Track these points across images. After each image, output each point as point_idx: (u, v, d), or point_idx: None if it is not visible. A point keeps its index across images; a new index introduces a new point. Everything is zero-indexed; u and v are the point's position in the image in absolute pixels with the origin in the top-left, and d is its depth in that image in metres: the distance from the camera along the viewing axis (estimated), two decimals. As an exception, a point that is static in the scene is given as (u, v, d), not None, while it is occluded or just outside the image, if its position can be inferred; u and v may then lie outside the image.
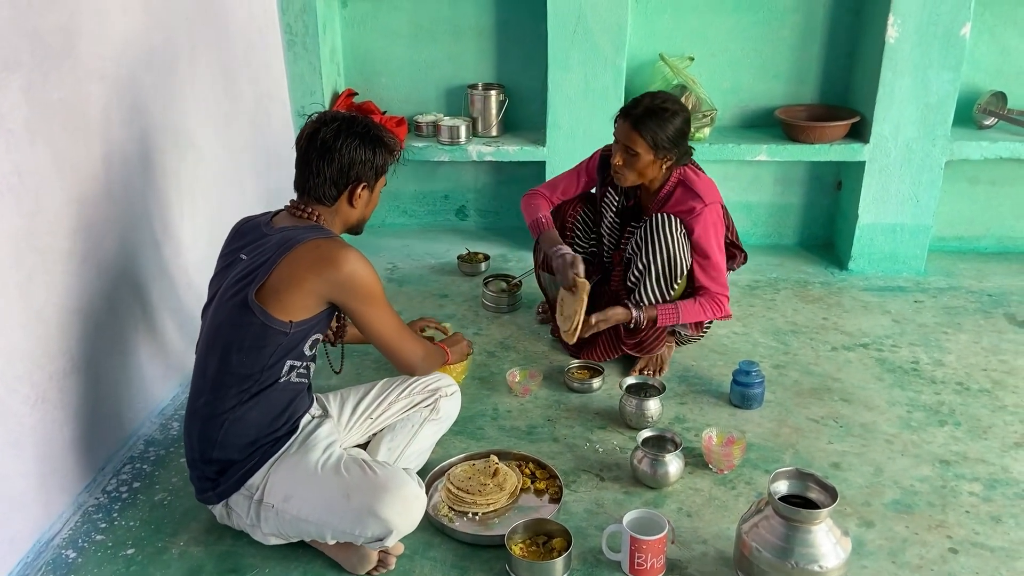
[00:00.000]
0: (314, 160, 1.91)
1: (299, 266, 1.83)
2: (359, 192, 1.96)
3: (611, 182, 2.67)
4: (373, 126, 1.96)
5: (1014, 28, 3.34)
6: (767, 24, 3.46)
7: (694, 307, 2.55)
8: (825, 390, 2.66)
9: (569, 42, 3.31)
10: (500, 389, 2.67)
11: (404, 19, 3.60)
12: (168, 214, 2.53)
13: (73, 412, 2.11)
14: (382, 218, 4.00)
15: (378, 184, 2.01)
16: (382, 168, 1.98)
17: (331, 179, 1.92)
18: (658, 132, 2.39)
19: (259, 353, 1.86)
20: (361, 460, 1.91)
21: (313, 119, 1.96)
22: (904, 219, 3.41)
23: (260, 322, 1.83)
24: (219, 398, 1.88)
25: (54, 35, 1.99)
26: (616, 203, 2.70)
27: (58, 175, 2.02)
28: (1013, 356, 2.85)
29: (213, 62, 2.82)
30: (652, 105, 2.39)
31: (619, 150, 2.46)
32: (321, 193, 1.94)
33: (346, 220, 2.01)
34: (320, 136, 1.90)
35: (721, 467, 2.26)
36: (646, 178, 2.53)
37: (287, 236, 1.87)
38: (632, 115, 2.40)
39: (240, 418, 1.88)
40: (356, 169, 1.92)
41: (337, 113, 1.97)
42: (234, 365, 1.86)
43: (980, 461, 2.32)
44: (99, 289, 2.21)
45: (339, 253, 1.85)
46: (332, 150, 1.90)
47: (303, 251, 1.84)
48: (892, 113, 3.25)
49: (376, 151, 1.94)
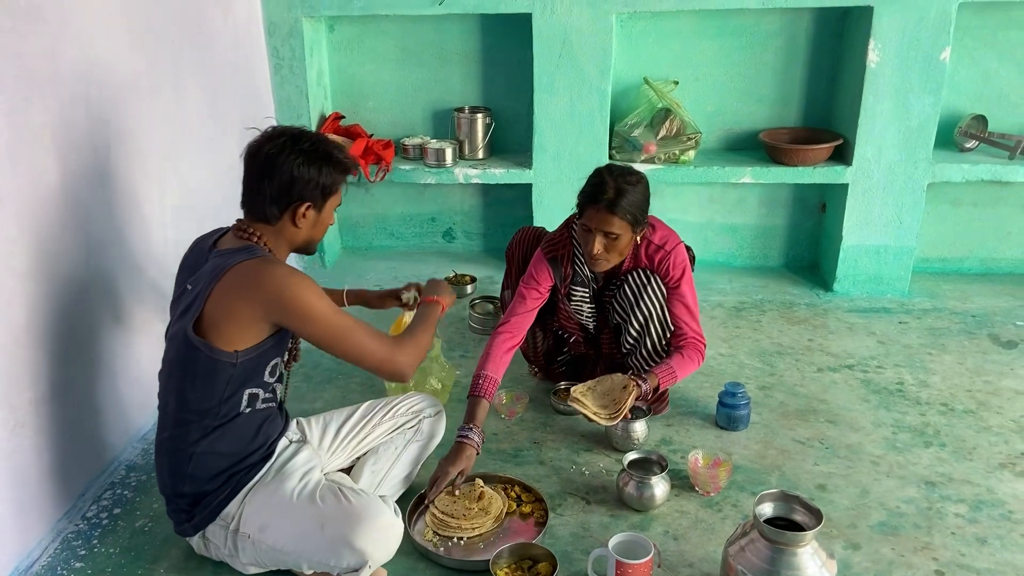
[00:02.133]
0: (255, 177, 1.82)
1: (229, 294, 1.75)
2: (303, 212, 1.84)
3: (571, 279, 2.51)
4: (323, 143, 1.85)
5: (994, 52, 3.39)
6: (750, 48, 3.50)
7: (684, 361, 2.43)
8: (811, 411, 2.67)
9: (555, 66, 3.34)
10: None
11: (391, 43, 3.63)
12: (151, 238, 2.53)
13: (53, 437, 2.09)
14: (369, 240, 4.00)
15: (327, 204, 1.88)
16: (330, 188, 1.86)
17: (271, 197, 1.81)
18: (633, 208, 2.25)
19: (212, 387, 1.80)
20: (337, 488, 1.88)
21: (260, 134, 1.85)
22: (888, 241, 3.44)
23: (205, 356, 1.77)
24: (182, 434, 1.84)
25: (37, 59, 1.99)
26: (588, 294, 2.53)
27: (39, 200, 2.02)
28: (997, 377, 2.86)
29: (198, 86, 2.83)
30: (619, 185, 2.22)
31: (596, 238, 2.27)
32: (262, 212, 1.84)
33: (291, 241, 1.90)
34: (263, 151, 1.80)
35: (707, 489, 2.25)
36: (625, 255, 2.39)
37: (218, 263, 1.80)
38: (605, 201, 2.22)
39: (207, 452, 1.84)
40: (299, 188, 1.81)
41: (286, 128, 1.86)
42: (191, 401, 1.82)
43: (965, 482, 2.32)
44: (79, 314, 2.19)
45: (263, 272, 1.76)
46: (274, 167, 1.79)
47: (230, 277, 1.76)
48: (874, 136, 3.28)
49: (322, 169, 1.82)
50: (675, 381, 2.42)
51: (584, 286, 2.52)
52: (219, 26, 2.98)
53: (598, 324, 2.59)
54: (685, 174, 3.43)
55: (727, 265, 3.80)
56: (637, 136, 3.43)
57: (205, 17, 2.87)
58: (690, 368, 2.44)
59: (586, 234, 2.30)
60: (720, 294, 3.51)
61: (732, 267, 3.80)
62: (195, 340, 1.77)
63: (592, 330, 2.62)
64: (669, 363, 2.41)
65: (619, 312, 2.49)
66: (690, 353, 2.44)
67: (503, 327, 2.49)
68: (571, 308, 2.56)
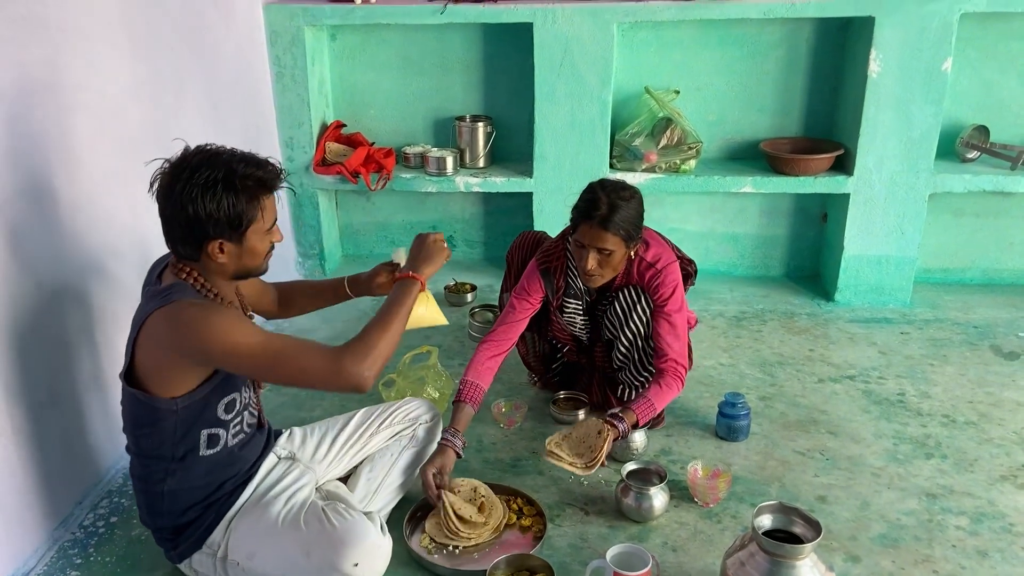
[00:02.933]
0: (160, 216, 1.68)
1: (150, 345, 1.68)
2: (216, 248, 1.67)
3: (564, 291, 2.50)
4: (226, 167, 1.63)
5: (995, 63, 3.38)
6: (752, 58, 3.50)
7: (662, 392, 2.38)
8: (811, 422, 2.65)
9: (556, 75, 3.34)
10: (485, 420, 2.65)
11: (392, 52, 3.63)
12: (150, 246, 2.52)
13: (51, 445, 2.09)
14: (370, 248, 4.00)
15: (248, 233, 1.68)
16: (239, 219, 1.64)
17: (178, 238, 1.67)
18: (627, 224, 2.23)
19: (159, 434, 1.74)
20: (321, 510, 1.83)
21: (162, 164, 1.68)
22: (889, 251, 3.43)
23: (144, 404, 1.71)
24: (149, 474, 1.81)
25: (39, 67, 1.99)
26: (581, 306, 2.52)
27: (40, 207, 2.02)
28: (999, 388, 2.85)
29: (200, 94, 2.83)
30: (612, 201, 2.20)
31: (589, 255, 2.25)
32: (178, 252, 1.72)
33: (222, 273, 1.74)
34: (158, 187, 1.67)
35: (707, 500, 2.24)
36: (619, 270, 2.36)
37: (141, 310, 1.73)
38: (598, 217, 2.20)
39: (178, 489, 1.81)
40: (202, 226, 1.63)
41: (190, 154, 1.66)
42: (144, 447, 1.79)
43: (966, 494, 2.30)
44: (79, 322, 2.19)
45: (175, 319, 1.64)
46: (168, 206, 1.64)
47: (149, 327, 1.67)
48: (876, 146, 3.28)
49: (223, 202, 1.61)
50: (654, 413, 2.35)
51: (577, 299, 2.51)
52: (221, 34, 2.99)
53: (592, 336, 2.58)
54: (686, 183, 3.43)
55: (728, 274, 3.79)
56: (638, 145, 3.42)
57: (207, 25, 2.88)
58: (669, 396, 2.39)
59: (580, 250, 2.28)
60: (721, 303, 3.50)
61: (733, 276, 3.79)
62: (129, 389, 1.72)
63: (586, 341, 2.61)
64: (647, 396, 2.35)
65: (609, 328, 2.48)
66: (668, 381, 2.38)
67: (489, 336, 2.49)
68: (564, 320, 2.55)
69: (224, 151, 1.68)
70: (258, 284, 2.10)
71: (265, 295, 2.17)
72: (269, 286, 2.19)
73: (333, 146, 3.58)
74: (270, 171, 1.70)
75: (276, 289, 2.21)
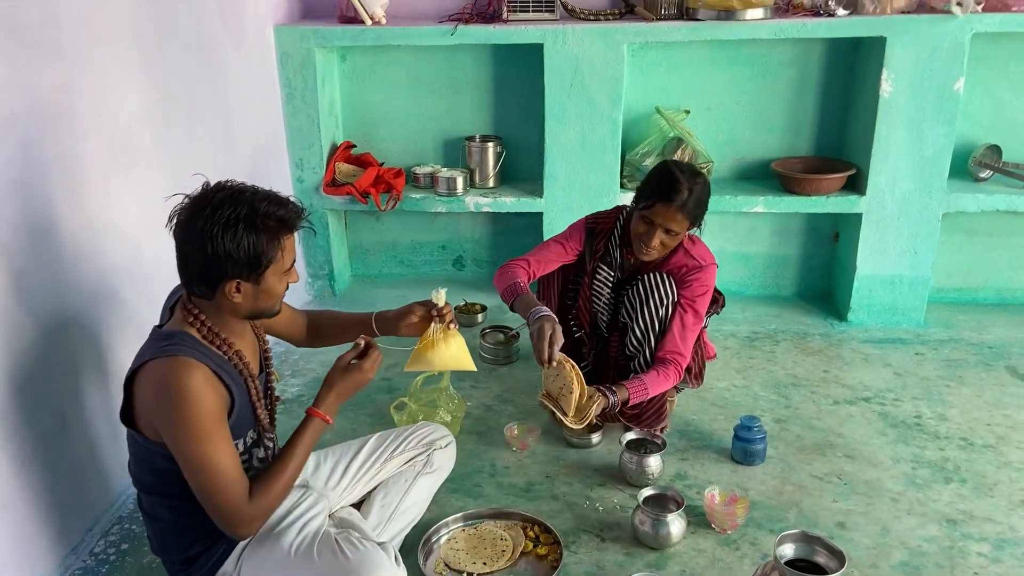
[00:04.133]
0: (178, 252, 1.64)
1: (141, 396, 1.64)
2: (233, 288, 1.64)
3: (601, 257, 2.59)
4: (250, 206, 1.60)
5: (1007, 82, 3.37)
6: (762, 78, 3.49)
7: (659, 379, 2.44)
8: (828, 446, 2.62)
9: (566, 96, 3.34)
10: (498, 444, 2.63)
11: (403, 73, 3.63)
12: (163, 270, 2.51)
13: (61, 471, 2.07)
14: (379, 268, 3.99)
15: (266, 274, 1.65)
16: (259, 260, 1.61)
17: (195, 276, 1.63)
18: (698, 208, 2.35)
19: (160, 474, 1.70)
20: (335, 541, 1.79)
21: (184, 199, 1.64)
22: (903, 271, 3.41)
23: (142, 445, 1.68)
24: (154, 509, 1.78)
25: (52, 93, 1.99)
26: (612, 278, 2.59)
27: (52, 232, 2.01)
28: (1016, 410, 2.82)
29: (211, 115, 2.83)
30: (692, 185, 2.31)
31: (656, 232, 2.35)
32: (192, 289, 1.67)
33: (235, 313, 1.70)
34: (177, 222, 1.63)
35: (724, 527, 2.21)
36: (672, 248, 2.47)
37: (142, 350, 1.68)
38: (678, 200, 2.30)
39: (186, 523, 1.77)
40: (221, 265, 1.60)
41: (213, 190, 1.63)
42: (146, 484, 1.76)
43: (987, 520, 2.27)
44: (89, 347, 2.18)
45: (161, 380, 1.59)
46: (188, 242, 1.60)
47: (142, 376, 1.64)
48: (888, 166, 3.26)
49: (244, 242, 1.58)
50: (646, 397, 2.44)
51: (611, 268, 2.58)
52: (232, 57, 2.99)
53: (610, 322, 2.62)
54: (697, 203, 3.41)
55: (740, 294, 3.77)
56: (649, 165, 3.41)
57: (219, 48, 2.89)
58: (665, 386, 2.47)
59: (648, 227, 2.37)
60: (733, 323, 3.48)
61: (745, 296, 3.77)
62: (128, 429, 1.69)
63: (605, 328, 2.64)
64: (643, 379, 2.43)
65: (627, 309, 2.53)
66: (667, 370, 2.46)
67: (517, 259, 2.59)
68: (592, 290, 2.61)
69: (246, 188, 1.64)
70: (288, 312, 2.06)
71: (296, 323, 2.13)
72: (301, 314, 2.16)
73: (343, 167, 3.58)
74: (291, 210, 1.67)
75: (307, 317, 2.18)
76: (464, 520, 2.24)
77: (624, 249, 2.57)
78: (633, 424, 2.58)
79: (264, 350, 1.90)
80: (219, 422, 1.63)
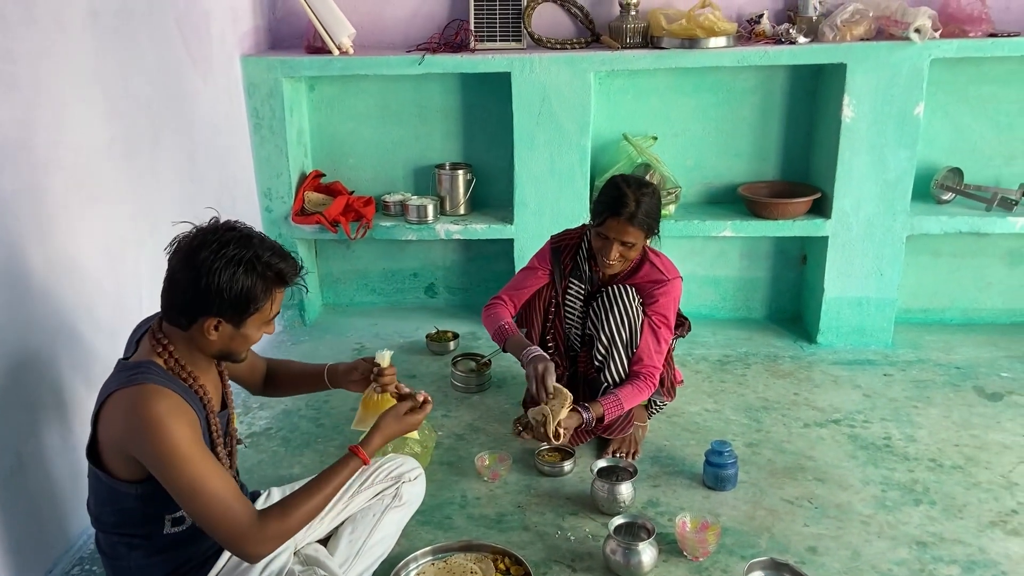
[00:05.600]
0: (169, 277, 1.65)
1: (108, 426, 1.62)
2: (212, 326, 1.64)
3: (570, 273, 2.68)
4: (256, 250, 1.63)
5: (966, 106, 3.44)
6: (727, 104, 3.54)
7: (633, 392, 2.54)
8: (799, 469, 2.63)
9: (534, 123, 3.36)
10: (469, 474, 2.61)
11: (371, 102, 3.64)
12: (127, 303, 2.48)
13: (19, 512, 2.02)
14: (350, 296, 3.97)
15: (248, 321, 1.66)
16: (249, 305, 1.63)
17: (180, 304, 1.64)
18: (649, 218, 2.44)
19: (122, 513, 1.69)
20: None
21: (191, 229, 1.66)
22: (869, 292, 3.44)
23: (105, 483, 1.66)
24: (114, 549, 1.75)
25: (10, 127, 1.97)
26: (583, 292, 2.68)
27: (10, 266, 1.98)
28: (983, 430, 2.84)
29: (176, 146, 2.81)
30: (638, 197, 2.41)
31: (613, 246, 2.45)
32: (171, 316, 1.67)
33: (205, 350, 1.71)
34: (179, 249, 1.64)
35: (696, 554, 2.20)
36: (633, 261, 2.58)
37: (107, 383, 1.67)
38: (626, 213, 2.39)
39: (144, 564, 1.74)
40: (210, 301, 1.60)
41: (222, 227, 1.65)
42: (105, 523, 1.73)
43: (957, 542, 2.28)
44: (48, 385, 2.14)
45: (131, 408, 1.58)
46: (186, 270, 1.60)
47: (109, 408, 1.62)
48: (852, 189, 3.31)
49: (244, 284, 1.61)
50: (622, 412, 2.53)
51: (581, 282, 2.67)
52: (198, 87, 2.98)
53: (581, 335, 2.69)
54: (666, 228, 3.39)
55: (710, 317, 3.79)
56: (617, 191, 3.43)
57: (184, 79, 2.87)
58: (639, 398, 2.56)
59: (604, 242, 2.47)
60: (704, 347, 3.49)
61: (715, 319, 3.79)
62: (91, 467, 1.67)
63: (578, 342, 2.70)
64: (617, 393, 2.52)
65: (593, 319, 2.62)
66: (640, 384, 2.55)
67: (495, 298, 2.72)
68: (565, 307, 2.69)
69: (255, 235, 1.67)
70: (252, 358, 2.05)
71: (256, 370, 2.13)
72: (262, 360, 2.15)
73: (312, 196, 3.57)
74: (291, 265, 1.70)
75: (267, 365, 2.17)
76: (433, 553, 2.21)
77: (591, 262, 2.64)
78: (605, 435, 2.64)
79: (225, 390, 1.88)
80: (198, 444, 1.60)
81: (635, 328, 2.56)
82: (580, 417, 2.45)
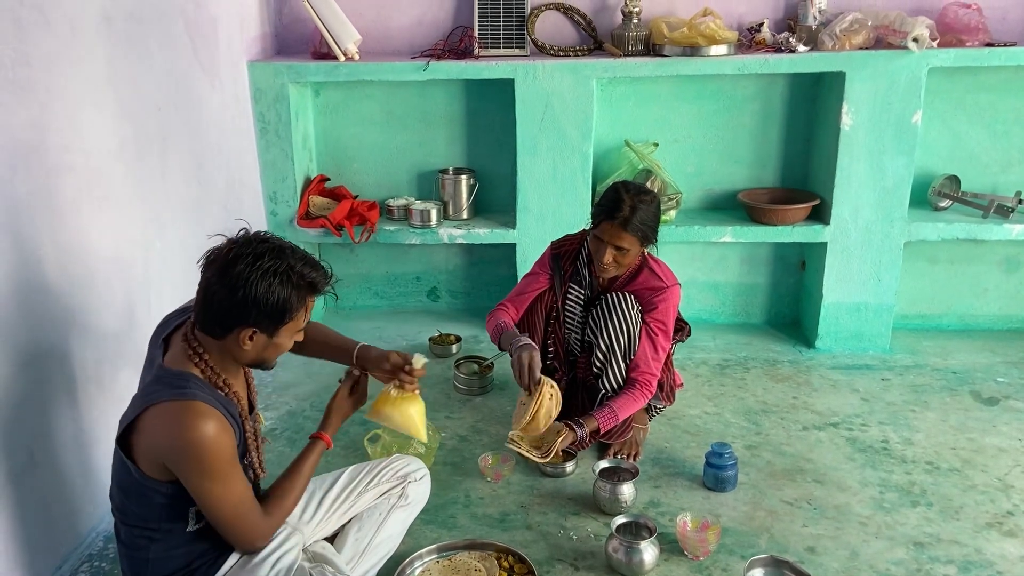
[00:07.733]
0: (204, 288, 1.68)
1: (146, 434, 1.66)
2: (248, 336, 1.69)
3: (570, 278, 2.70)
4: (289, 262, 1.66)
5: (964, 115, 3.49)
6: (728, 112, 3.58)
7: (628, 401, 2.57)
8: (798, 471, 2.66)
9: (537, 129, 3.40)
10: (472, 474, 2.64)
11: (376, 107, 3.68)
12: (135, 304, 2.51)
13: (30, 509, 2.04)
14: (353, 300, 4.00)
15: (282, 330, 1.71)
16: (284, 315, 1.68)
17: (216, 316, 1.67)
18: (644, 226, 2.45)
19: (147, 508, 1.72)
20: (308, 575, 1.81)
21: (225, 241, 1.69)
22: (867, 298, 3.48)
23: (136, 478, 1.69)
24: (133, 540, 1.78)
25: (25, 130, 2.00)
26: (582, 297, 2.70)
27: (23, 268, 2.01)
28: (980, 434, 2.88)
29: (184, 150, 2.85)
30: (634, 203, 2.43)
31: (607, 250, 2.47)
32: (207, 326, 1.70)
33: (238, 359, 1.75)
34: (216, 263, 1.66)
35: (696, 553, 2.23)
36: (629, 267, 2.59)
37: (147, 390, 1.70)
38: (620, 218, 2.42)
39: (161, 557, 1.77)
40: (247, 312, 1.65)
41: (255, 238, 1.69)
42: (129, 515, 1.76)
43: (954, 543, 2.31)
44: (60, 383, 2.17)
45: (174, 425, 1.62)
46: (223, 283, 1.63)
47: (149, 418, 1.65)
48: (850, 196, 3.35)
49: (279, 295, 1.65)
50: (616, 422, 2.56)
51: (581, 287, 2.68)
52: (206, 92, 3.02)
53: (580, 342, 2.72)
54: (667, 233, 3.46)
55: (710, 322, 3.83)
56: (619, 197, 3.47)
57: (192, 83, 2.91)
58: (634, 407, 2.60)
59: (599, 245, 2.49)
60: (704, 351, 3.53)
61: (715, 324, 3.83)
62: (123, 458, 1.69)
63: (577, 345, 2.72)
64: (611, 405, 2.55)
65: (592, 326, 2.64)
66: (636, 393, 2.59)
67: (500, 305, 2.75)
68: (565, 313, 2.72)
69: (287, 246, 1.71)
70: None
71: None
72: None
73: (317, 200, 3.61)
74: (322, 275, 1.74)
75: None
76: (438, 552, 2.24)
77: (591, 267, 2.67)
78: (605, 440, 2.67)
79: (251, 393, 1.92)
80: (232, 462, 1.69)
81: (634, 336, 2.58)
82: (574, 435, 2.49)
